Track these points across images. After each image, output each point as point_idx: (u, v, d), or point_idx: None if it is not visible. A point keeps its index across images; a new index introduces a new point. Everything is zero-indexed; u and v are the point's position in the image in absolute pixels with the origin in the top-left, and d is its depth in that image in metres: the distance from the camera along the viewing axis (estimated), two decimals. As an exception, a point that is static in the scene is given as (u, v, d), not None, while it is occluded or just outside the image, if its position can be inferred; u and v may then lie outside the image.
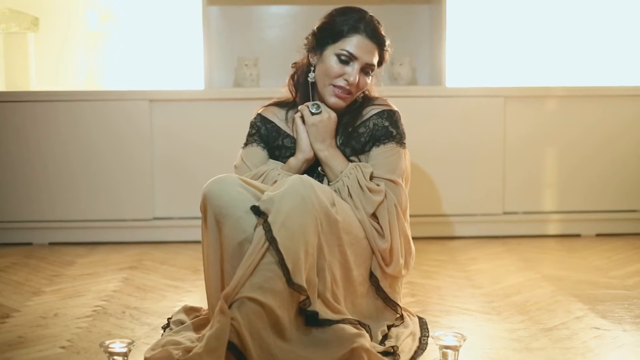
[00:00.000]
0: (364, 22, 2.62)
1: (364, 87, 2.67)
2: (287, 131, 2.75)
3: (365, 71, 2.64)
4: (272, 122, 2.77)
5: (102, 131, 4.33)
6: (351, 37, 2.60)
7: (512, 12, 4.68)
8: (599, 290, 3.27)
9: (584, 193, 4.47)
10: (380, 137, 2.68)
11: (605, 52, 4.70)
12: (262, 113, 2.80)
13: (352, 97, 2.67)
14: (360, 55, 2.60)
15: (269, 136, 2.75)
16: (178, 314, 2.75)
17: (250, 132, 2.79)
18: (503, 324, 2.82)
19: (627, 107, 4.45)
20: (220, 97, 4.35)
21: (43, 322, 2.86)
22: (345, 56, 2.60)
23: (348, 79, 2.60)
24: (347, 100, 2.66)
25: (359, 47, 2.60)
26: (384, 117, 2.70)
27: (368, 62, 2.62)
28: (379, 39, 2.64)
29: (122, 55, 4.60)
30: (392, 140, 2.68)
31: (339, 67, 2.61)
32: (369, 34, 2.61)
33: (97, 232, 4.37)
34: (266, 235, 2.28)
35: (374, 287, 2.59)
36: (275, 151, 2.74)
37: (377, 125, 2.69)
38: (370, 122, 2.69)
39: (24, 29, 4.47)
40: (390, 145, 2.67)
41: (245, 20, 4.74)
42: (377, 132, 2.68)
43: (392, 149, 2.67)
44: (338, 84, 2.62)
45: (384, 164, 2.64)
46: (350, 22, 2.61)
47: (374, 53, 2.63)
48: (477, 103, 4.39)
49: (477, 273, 3.60)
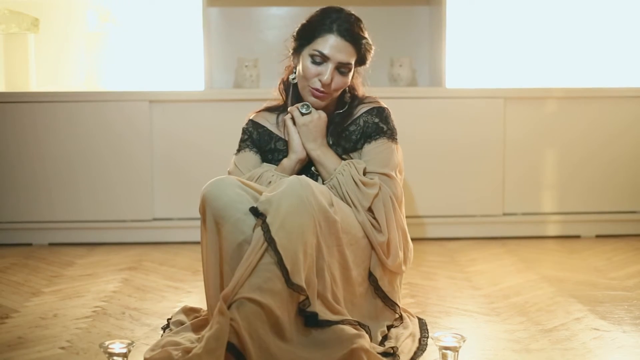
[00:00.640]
0: (337, 21, 2.60)
1: (342, 87, 2.65)
2: (278, 135, 2.75)
3: (340, 70, 2.61)
4: (264, 127, 2.77)
5: (102, 132, 4.33)
6: (324, 37, 2.59)
7: (512, 13, 4.68)
8: (599, 292, 3.27)
9: (584, 194, 4.46)
10: (371, 133, 2.68)
11: (605, 53, 4.70)
12: (253, 119, 2.81)
13: (330, 96, 2.65)
14: (332, 54, 2.58)
15: (261, 140, 2.75)
16: (177, 315, 2.75)
17: (242, 138, 2.79)
18: (502, 325, 2.82)
19: (626, 108, 4.45)
20: (220, 98, 4.35)
21: (42, 322, 2.86)
22: (318, 57, 2.59)
23: (322, 80, 2.59)
24: (325, 99, 2.64)
25: (331, 46, 2.58)
26: (373, 114, 2.70)
27: (342, 61, 2.60)
28: (353, 37, 2.60)
29: (122, 56, 4.60)
30: (383, 135, 2.68)
31: (314, 68, 2.60)
32: (342, 33, 2.59)
33: (96, 232, 4.37)
34: (265, 236, 2.28)
35: (373, 287, 2.59)
36: (268, 155, 2.74)
37: (367, 122, 2.69)
38: (360, 120, 2.69)
39: (24, 30, 4.47)
40: (382, 140, 2.67)
41: (245, 21, 4.74)
42: (368, 129, 2.68)
43: (383, 144, 2.67)
44: (313, 86, 2.62)
45: (376, 159, 2.64)
46: (325, 22, 2.60)
47: (348, 51, 2.60)
48: (477, 104, 4.39)
49: (477, 274, 3.60)
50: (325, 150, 2.65)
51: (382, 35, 4.70)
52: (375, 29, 4.65)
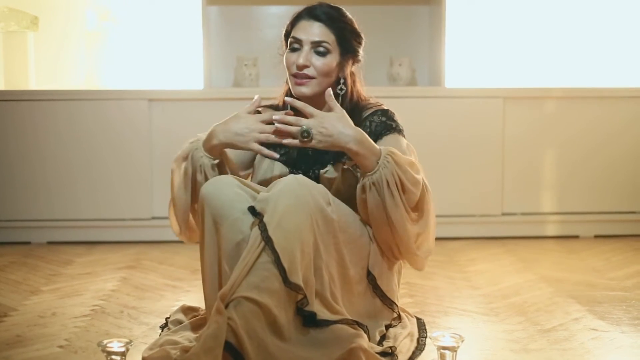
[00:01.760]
0: (307, 8, 2.61)
1: (325, 69, 2.57)
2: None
3: (317, 51, 2.57)
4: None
5: (101, 130, 4.33)
6: (297, 25, 2.61)
7: (512, 13, 4.68)
8: (597, 292, 3.27)
9: (583, 194, 4.47)
10: (381, 131, 2.63)
11: (604, 53, 4.70)
12: None
13: (314, 80, 2.58)
14: (303, 36, 2.57)
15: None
16: (176, 314, 2.75)
17: None
18: (501, 325, 2.82)
19: (625, 108, 4.45)
20: (219, 97, 4.35)
21: (41, 321, 2.86)
22: (293, 43, 2.59)
23: (298, 62, 2.57)
24: (307, 84, 2.58)
25: (301, 29, 2.59)
26: (378, 115, 2.67)
27: (314, 40, 2.57)
28: (327, 17, 2.59)
29: (122, 55, 4.60)
30: (393, 131, 2.63)
31: (292, 56, 2.59)
32: (311, 15, 2.59)
33: (95, 231, 4.37)
34: (262, 235, 2.28)
35: (372, 286, 2.59)
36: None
37: (374, 122, 2.65)
38: (367, 122, 2.67)
39: (24, 28, 4.47)
40: (393, 135, 2.63)
41: (244, 20, 4.74)
42: (376, 128, 2.64)
43: (396, 138, 2.62)
44: (293, 72, 2.59)
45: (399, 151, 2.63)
46: (299, 12, 2.63)
47: (321, 31, 2.57)
48: (476, 104, 4.39)
49: (476, 274, 3.60)
50: (360, 136, 2.44)
51: (382, 34, 4.71)
52: (375, 28, 4.69)
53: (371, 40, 2.85)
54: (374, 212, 2.46)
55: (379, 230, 2.51)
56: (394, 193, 2.42)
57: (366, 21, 2.73)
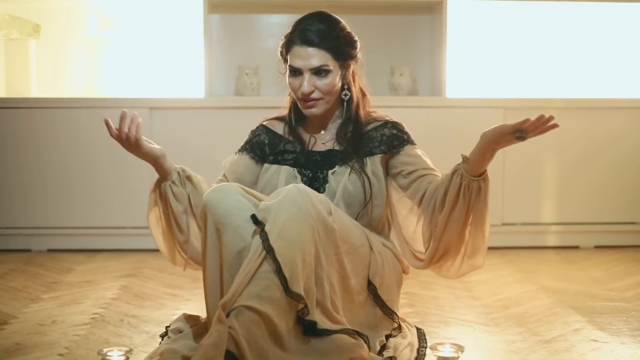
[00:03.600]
0: (300, 31, 2.60)
1: (330, 88, 2.61)
2: (288, 138, 2.76)
3: (319, 75, 2.59)
4: (274, 132, 2.78)
5: (101, 138, 4.31)
6: (292, 51, 2.60)
7: (512, 24, 4.69)
8: (597, 303, 3.27)
9: (583, 205, 4.47)
10: (394, 143, 2.68)
11: (604, 64, 4.71)
12: (265, 124, 2.82)
13: (322, 101, 2.62)
14: (301, 65, 2.58)
15: (271, 143, 2.76)
16: (176, 322, 2.74)
17: (246, 140, 2.81)
18: (501, 335, 2.82)
19: (626, 119, 4.46)
20: (220, 106, 4.36)
21: (41, 329, 2.86)
22: (292, 71, 2.61)
23: (302, 91, 2.59)
24: (316, 105, 2.62)
25: (298, 57, 2.59)
26: (389, 127, 2.71)
27: (312, 67, 2.58)
28: (319, 40, 2.58)
29: (123, 63, 4.61)
30: (407, 143, 2.70)
31: (294, 82, 2.62)
32: (305, 41, 2.58)
33: (95, 239, 4.37)
34: (263, 244, 2.28)
35: (372, 296, 2.59)
36: (278, 156, 2.74)
37: (385, 135, 2.69)
38: (377, 134, 2.69)
39: (25, 36, 4.47)
40: (410, 147, 2.70)
41: (246, 29, 4.75)
42: (388, 140, 2.68)
43: (414, 149, 2.70)
44: (299, 97, 2.63)
45: (419, 161, 2.68)
46: (292, 35, 2.62)
47: (318, 56, 2.58)
48: (477, 114, 4.39)
49: (476, 284, 3.60)
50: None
51: (383, 44, 4.71)
52: (376, 37, 4.70)
53: (372, 50, 2.86)
54: (461, 204, 2.52)
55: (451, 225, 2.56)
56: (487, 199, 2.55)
57: (367, 31, 2.74)
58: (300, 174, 2.67)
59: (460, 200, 2.52)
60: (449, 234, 2.56)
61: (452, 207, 2.53)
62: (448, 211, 2.53)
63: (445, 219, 2.54)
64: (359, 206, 2.63)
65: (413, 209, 2.69)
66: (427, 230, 2.62)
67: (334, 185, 2.63)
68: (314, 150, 2.72)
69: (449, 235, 2.57)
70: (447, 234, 2.56)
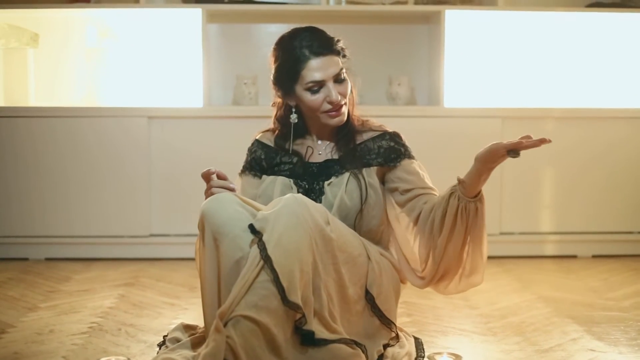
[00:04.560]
0: (305, 45, 2.58)
1: (348, 90, 2.65)
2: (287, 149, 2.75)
3: (338, 80, 2.61)
4: (269, 146, 2.78)
5: (100, 147, 4.33)
6: (307, 67, 2.58)
7: (510, 34, 4.70)
8: (595, 312, 3.27)
9: (581, 214, 4.47)
10: (391, 156, 2.69)
11: (602, 74, 4.72)
12: (258, 139, 2.82)
13: (344, 106, 2.65)
14: (324, 76, 2.58)
15: (267, 158, 2.76)
16: (174, 332, 2.74)
17: (246, 159, 2.82)
18: (499, 345, 2.82)
19: (624, 128, 4.46)
20: (218, 115, 4.36)
21: (39, 338, 2.86)
22: (315, 86, 2.59)
23: (331, 100, 2.60)
24: (343, 112, 2.65)
25: (317, 70, 2.58)
26: (386, 139, 2.71)
27: (334, 74, 2.60)
28: (328, 47, 2.60)
29: (121, 72, 4.61)
30: (404, 157, 2.70)
31: (318, 97, 2.60)
32: (317, 51, 2.58)
33: (93, 248, 4.36)
34: (261, 253, 2.28)
35: (370, 305, 2.59)
36: (274, 168, 2.74)
37: (382, 147, 2.69)
38: (374, 145, 2.70)
39: (23, 45, 4.48)
40: (406, 161, 2.70)
41: (244, 38, 4.76)
42: (385, 153, 2.68)
43: (411, 164, 2.71)
44: (326, 109, 2.62)
45: (417, 179, 2.68)
46: (297, 54, 2.58)
47: (333, 62, 2.60)
48: (475, 123, 4.40)
49: (474, 293, 3.59)
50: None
51: (381, 54, 4.72)
52: (374, 48, 4.72)
53: (370, 60, 2.87)
54: (459, 226, 2.55)
55: (451, 244, 2.57)
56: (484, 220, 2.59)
57: (365, 41, 2.75)
58: (296, 185, 2.67)
59: (459, 223, 2.54)
60: (448, 256, 2.57)
61: (450, 230, 2.54)
62: (447, 234, 2.54)
63: (444, 241, 2.55)
64: (355, 217, 2.63)
65: (409, 226, 2.70)
66: (424, 250, 2.64)
67: (330, 197, 2.63)
68: (310, 161, 2.72)
69: (449, 257, 2.58)
70: (447, 256, 2.57)
